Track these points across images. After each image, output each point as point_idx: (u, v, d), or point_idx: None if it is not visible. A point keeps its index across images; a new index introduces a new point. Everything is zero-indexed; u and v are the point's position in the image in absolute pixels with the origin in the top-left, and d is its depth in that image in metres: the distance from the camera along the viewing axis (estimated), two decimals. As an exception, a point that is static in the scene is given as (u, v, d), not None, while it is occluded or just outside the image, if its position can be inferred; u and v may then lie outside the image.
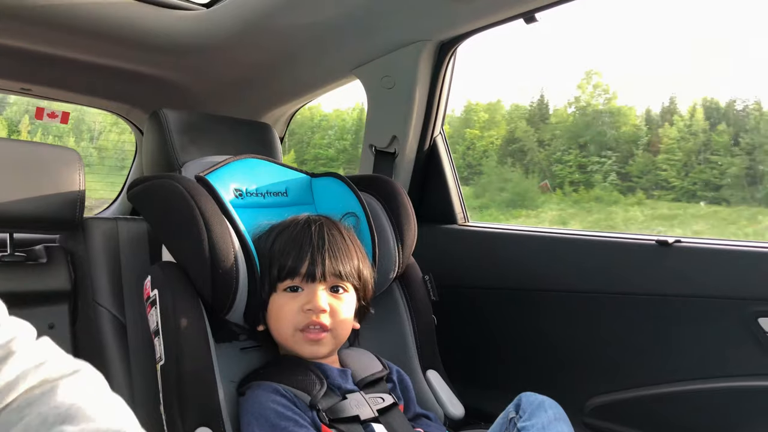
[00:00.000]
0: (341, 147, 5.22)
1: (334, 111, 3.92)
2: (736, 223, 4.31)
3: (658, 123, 4.81)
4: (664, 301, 1.42)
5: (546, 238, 1.65)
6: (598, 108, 4.76)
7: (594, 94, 5.04)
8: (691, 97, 5.87)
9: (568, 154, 5.02)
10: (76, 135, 5.61)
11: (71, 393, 0.55)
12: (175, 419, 1.05)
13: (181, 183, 1.17)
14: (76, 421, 0.52)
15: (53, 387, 0.55)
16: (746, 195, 4.33)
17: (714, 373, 1.36)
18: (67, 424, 0.51)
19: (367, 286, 1.22)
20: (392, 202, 1.37)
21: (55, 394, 0.54)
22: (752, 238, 1.45)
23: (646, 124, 4.94)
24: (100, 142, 5.62)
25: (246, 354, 1.23)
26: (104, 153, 5.40)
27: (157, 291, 1.12)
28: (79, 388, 0.56)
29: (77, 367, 0.59)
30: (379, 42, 1.67)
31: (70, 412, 0.52)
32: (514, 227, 1.75)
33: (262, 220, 1.25)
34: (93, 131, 5.76)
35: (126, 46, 1.74)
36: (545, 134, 5.65)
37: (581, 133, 4.90)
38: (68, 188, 1.27)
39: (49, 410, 0.52)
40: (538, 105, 5.63)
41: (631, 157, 4.67)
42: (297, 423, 1.01)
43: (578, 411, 1.51)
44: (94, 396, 0.56)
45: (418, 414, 1.25)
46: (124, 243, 1.33)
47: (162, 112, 1.42)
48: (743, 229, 4.02)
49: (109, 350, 1.23)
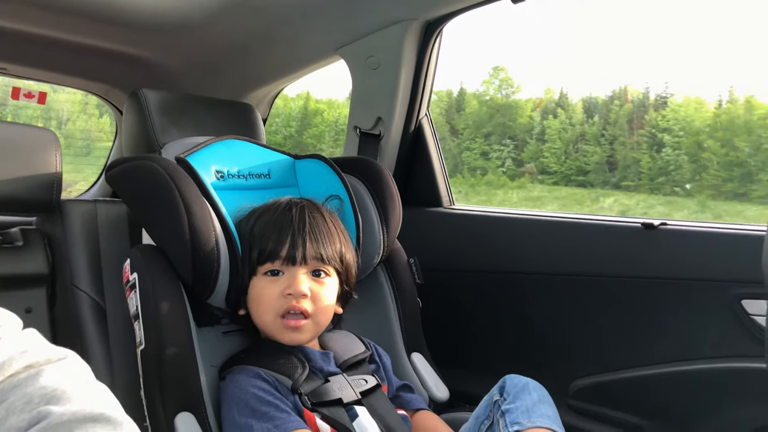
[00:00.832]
0: (287, 134, 5.63)
1: (281, 100, 4.32)
2: (582, 203, 5.08)
3: (545, 115, 5.55)
4: (648, 283, 1.42)
5: (531, 221, 1.64)
6: (500, 101, 5.48)
7: (499, 88, 5.71)
8: (578, 90, 6.93)
9: (474, 143, 5.70)
10: (45, 121, 5.68)
11: (56, 377, 0.55)
12: (156, 404, 1.04)
13: (160, 164, 1.15)
14: (61, 402, 0.52)
15: (38, 371, 0.55)
16: (606, 179, 5.21)
17: (698, 354, 1.37)
18: (52, 405, 0.51)
19: (350, 270, 1.20)
20: (377, 185, 1.36)
21: (41, 377, 0.54)
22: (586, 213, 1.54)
23: (540, 116, 5.65)
24: (67, 128, 5.72)
25: (228, 338, 1.22)
26: (70, 140, 5.55)
27: (136, 274, 1.10)
28: (64, 374, 0.56)
29: (63, 355, 0.59)
30: (363, 21, 1.65)
31: (56, 394, 0.53)
32: (500, 210, 1.74)
33: (244, 203, 1.23)
34: (61, 118, 5.79)
35: (104, 24, 1.70)
36: (459, 124, 6.20)
37: (485, 123, 5.57)
38: (45, 170, 1.24)
39: (34, 391, 0.53)
40: (457, 98, 6.21)
41: (525, 145, 5.45)
42: (278, 408, 1.00)
43: (562, 393, 1.51)
44: (79, 381, 0.56)
45: (398, 387, 1.24)
46: (103, 226, 1.30)
47: (142, 92, 1.39)
48: (586, 208, 4.91)
49: (89, 334, 1.21)
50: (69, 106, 5.82)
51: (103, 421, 0.51)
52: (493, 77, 5.68)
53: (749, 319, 1.29)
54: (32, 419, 0.50)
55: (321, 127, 6.00)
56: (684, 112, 6.18)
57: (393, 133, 1.75)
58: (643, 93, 6.33)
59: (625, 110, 6.33)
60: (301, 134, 5.86)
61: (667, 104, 6.25)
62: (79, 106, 5.71)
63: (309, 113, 6.26)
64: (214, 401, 1.09)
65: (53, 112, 5.79)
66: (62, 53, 1.90)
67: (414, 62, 1.70)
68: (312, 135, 5.89)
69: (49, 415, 0.50)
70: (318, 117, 6.45)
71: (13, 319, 0.61)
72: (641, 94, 6.35)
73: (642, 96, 6.31)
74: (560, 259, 1.55)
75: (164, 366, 1.04)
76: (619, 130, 6.07)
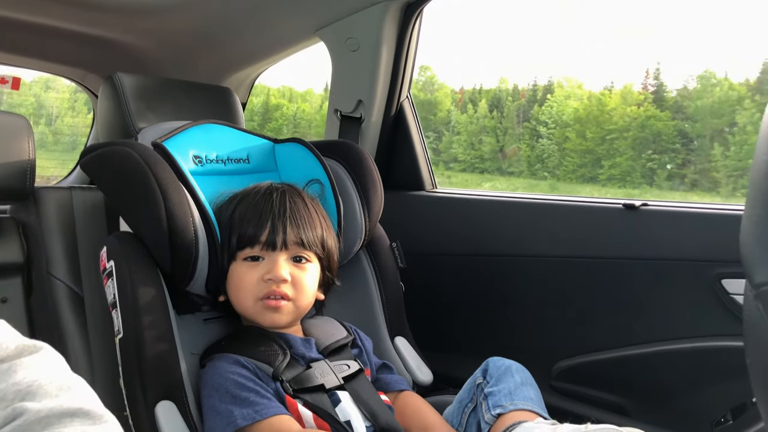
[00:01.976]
0: (249, 127, 6.49)
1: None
2: (467, 185, 6.03)
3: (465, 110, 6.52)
4: (630, 264, 1.43)
5: (513, 203, 1.64)
6: (422, 97, 6.23)
7: (424, 86, 6.43)
8: (488, 85, 8.02)
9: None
10: (37, 119, 6.03)
11: (31, 371, 0.53)
12: (136, 393, 1.03)
13: (136, 150, 1.13)
14: (37, 398, 0.51)
15: (11, 366, 0.53)
16: (498, 166, 6.13)
17: (679, 334, 1.38)
18: (28, 401, 0.50)
19: (332, 256, 1.19)
20: (358, 168, 1.34)
21: (14, 372, 0.53)
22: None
23: (460, 110, 6.59)
24: (55, 125, 5.88)
25: (209, 325, 1.20)
26: (59, 136, 5.78)
27: (113, 262, 1.08)
28: (38, 367, 0.55)
29: (36, 347, 0.57)
30: (342, 2, 1.62)
31: (31, 389, 0.51)
32: (482, 193, 1.74)
33: (222, 188, 1.22)
34: (51, 116, 5.94)
35: (79, 7, 1.66)
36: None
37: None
38: (17, 156, 1.21)
39: (7, 387, 0.51)
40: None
41: (442, 137, 6.27)
42: (258, 393, 1.00)
43: (545, 374, 1.52)
44: (55, 374, 0.55)
45: (377, 367, 1.24)
46: (79, 213, 1.28)
47: (117, 77, 1.36)
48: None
49: (66, 324, 1.19)
50: (58, 103, 6.05)
51: (81, 415, 0.50)
52: (420, 75, 6.29)
53: (729, 298, 1.30)
54: (7, 417, 0.48)
55: (280, 121, 6.57)
56: (556, 108, 7.36)
57: (374, 116, 1.74)
58: (532, 88, 7.53)
59: (516, 105, 7.47)
60: (263, 127, 6.36)
61: (546, 100, 7.34)
62: (67, 104, 5.85)
63: (270, 108, 6.82)
64: (195, 389, 1.08)
65: (44, 109, 6.05)
66: (35, 37, 1.86)
67: (394, 44, 1.68)
68: (271, 129, 6.33)
69: (25, 412, 0.48)
70: (278, 111, 7.17)
71: None
72: (531, 89, 7.53)
73: (532, 91, 7.50)
74: (542, 242, 1.55)
75: (143, 354, 1.03)
76: (510, 123, 7.19)
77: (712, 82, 7.05)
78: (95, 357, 1.18)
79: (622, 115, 6.92)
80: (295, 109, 7.05)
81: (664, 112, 6.86)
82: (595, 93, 7.30)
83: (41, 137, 6.05)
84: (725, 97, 6.74)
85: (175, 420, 1.02)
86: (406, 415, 1.15)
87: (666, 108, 6.89)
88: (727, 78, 6.80)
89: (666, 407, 1.41)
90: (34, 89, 6.55)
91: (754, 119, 6.09)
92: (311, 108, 7.57)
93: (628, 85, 7.26)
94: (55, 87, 6.08)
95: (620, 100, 7.16)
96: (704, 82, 7.12)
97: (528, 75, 8.08)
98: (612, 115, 6.87)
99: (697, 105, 6.83)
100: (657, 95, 7.03)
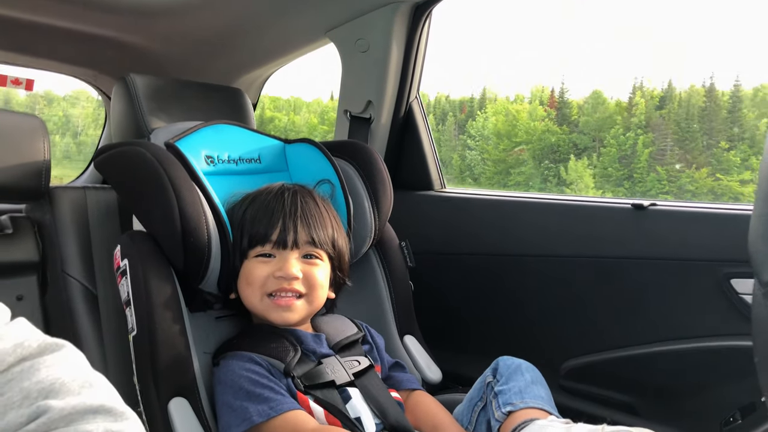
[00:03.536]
0: None
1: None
2: None
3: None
4: (638, 264, 1.43)
5: (522, 203, 1.65)
6: None
7: None
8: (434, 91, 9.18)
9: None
10: (64, 132, 6.54)
11: (54, 369, 0.54)
12: (150, 390, 1.04)
13: (149, 150, 1.14)
14: (60, 396, 0.51)
15: (33, 364, 0.54)
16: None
17: (687, 333, 1.38)
18: (51, 398, 0.50)
19: (343, 257, 1.20)
20: (368, 168, 1.35)
21: (37, 371, 0.53)
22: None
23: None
24: (81, 138, 6.21)
25: (221, 323, 1.22)
26: (82, 147, 6.15)
27: (127, 260, 1.09)
28: (61, 365, 0.55)
29: (58, 345, 0.58)
30: (352, 3, 1.63)
31: (54, 387, 0.52)
32: (491, 193, 1.75)
33: (234, 188, 1.23)
34: (76, 130, 6.57)
35: (91, 8, 1.67)
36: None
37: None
38: (33, 157, 1.23)
39: (31, 385, 0.51)
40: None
41: None
42: (273, 390, 1.01)
43: (554, 373, 1.53)
44: (77, 372, 0.55)
45: (390, 365, 1.25)
46: (93, 212, 1.30)
47: (130, 78, 1.37)
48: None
49: (81, 321, 1.21)
50: (83, 118, 6.64)
51: (103, 412, 0.51)
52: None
53: (738, 298, 1.30)
54: (32, 414, 0.49)
55: (273, 132, 7.46)
56: (482, 122, 8.84)
57: (383, 116, 1.75)
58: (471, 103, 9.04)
59: (459, 119, 9.06)
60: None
61: (477, 114, 8.84)
62: (91, 118, 6.24)
63: (265, 120, 7.46)
64: (208, 386, 1.09)
65: (71, 125, 6.63)
66: (48, 38, 1.87)
67: (403, 45, 1.69)
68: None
69: (49, 410, 0.49)
70: (271, 124, 8.19)
71: (1, 309, 0.60)
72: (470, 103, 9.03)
73: (474, 105, 9.09)
74: (551, 241, 1.55)
75: (156, 352, 1.04)
76: (449, 136, 8.76)
77: (599, 101, 8.71)
78: (109, 354, 1.19)
79: (527, 129, 8.59)
80: (286, 122, 7.85)
81: (562, 127, 8.62)
82: (511, 110, 8.93)
83: (67, 148, 6.38)
84: (607, 114, 8.36)
85: (189, 417, 1.03)
86: (416, 413, 1.16)
87: (563, 123, 8.62)
88: (612, 98, 8.56)
89: (674, 406, 1.41)
90: (63, 105, 6.98)
91: (617, 133, 8.02)
92: (301, 120, 8.82)
93: (534, 103, 9.08)
94: (80, 103, 6.47)
95: (527, 116, 8.85)
96: (594, 101, 8.81)
97: (473, 89, 9.67)
98: (519, 129, 8.48)
99: (585, 120, 8.60)
100: (559, 112, 8.76)
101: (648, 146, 7.89)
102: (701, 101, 8.06)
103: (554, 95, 8.86)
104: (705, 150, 7.76)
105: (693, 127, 7.89)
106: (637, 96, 8.42)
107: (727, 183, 7.27)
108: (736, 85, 7.97)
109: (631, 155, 7.92)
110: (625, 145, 7.96)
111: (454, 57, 8.68)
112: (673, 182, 7.68)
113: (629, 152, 7.91)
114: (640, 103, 8.35)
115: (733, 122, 7.73)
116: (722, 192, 7.23)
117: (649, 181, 7.69)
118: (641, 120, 8.21)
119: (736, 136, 7.67)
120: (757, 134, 7.54)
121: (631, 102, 8.34)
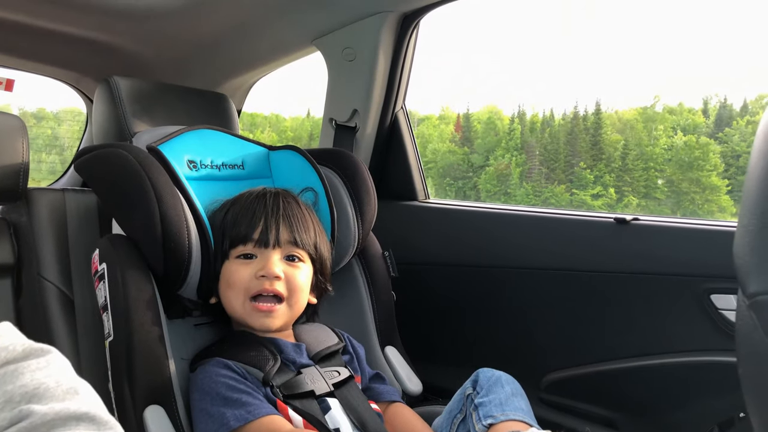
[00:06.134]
0: None
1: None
2: None
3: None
4: (620, 278, 1.43)
5: (505, 215, 1.65)
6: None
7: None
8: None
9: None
10: (52, 148, 6.83)
11: (38, 374, 0.53)
12: (125, 397, 1.02)
13: (131, 152, 1.13)
14: (44, 401, 0.50)
15: (17, 368, 0.53)
16: None
17: (668, 348, 1.38)
18: (34, 403, 0.50)
19: (325, 262, 1.19)
20: (352, 177, 1.35)
21: (21, 375, 0.52)
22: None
23: None
24: (66, 154, 6.55)
25: (199, 330, 1.20)
26: (65, 165, 6.51)
27: (105, 265, 1.07)
28: (45, 370, 0.54)
29: (43, 351, 0.57)
30: (339, 12, 1.63)
31: (38, 392, 0.51)
32: (474, 204, 1.75)
33: (217, 193, 1.22)
34: (63, 145, 6.80)
35: (75, 10, 1.66)
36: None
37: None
38: (10, 157, 1.20)
39: (14, 389, 0.51)
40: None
41: None
42: (250, 395, 0.99)
43: (535, 386, 1.52)
44: (62, 378, 0.54)
45: (370, 377, 1.24)
46: (72, 215, 1.27)
47: (113, 80, 1.36)
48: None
49: (55, 325, 1.18)
50: (71, 134, 6.66)
51: (87, 420, 0.50)
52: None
53: (718, 314, 1.31)
54: (13, 418, 0.48)
55: None
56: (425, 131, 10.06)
57: (369, 125, 1.75)
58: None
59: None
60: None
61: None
62: (77, 134, 6.46)
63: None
64: (184, 394, 1.07)
65: (59, 140, 6.97)
66: (30, 39, 1.85)
67: (390, 55, 1.69)
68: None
69: (31, 415, 0.48)
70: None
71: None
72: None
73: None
74: (533, 253, 1.56)
75: (133, 358, 1.02)
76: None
77: (491, 126, 10.46)
78: (84, 359, 1.17)
79: (434, 150, 10.06)
80: (266, 138, 9.04)
81: (463, 148, 10.32)
82: (424, 131, 10.28)
83: (52, 167, 6.57)
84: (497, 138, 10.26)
85: (164, 424, 1.01)
86: (395, 425, 1.15)
87: (465, 144, 10.34)
88: (508, 116, 10.36)
89: (654, 421, 1.41)
90: (51, 123, 7.20)
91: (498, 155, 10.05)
92: (276, 136, 9.57)
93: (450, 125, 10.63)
94: (67, 119, 6.74)
95: (438, 136, 10.35)
96: (487, 125, 10.54)
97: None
98: (428, 150, 9.95)
99: (479, 143, 10.37)
100: (463, 134, 10.47)
101: (520, 165, 10.00)
102: (568, 126, 10.14)
103: (460, 119, 10.73)
104: (567, 168, 9.86)
105: (559, 148, 9.94)
106: (515, 122, 10.34)
107: (581, 197, 9.35)
108: (596, 110, 9.90)
109: (507, 174, 9.98)
110: (502, 165, 10.03)
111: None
112: (538, 196, 9.67)
113: (506, 171, 9.97)
114: (517, 129, 10.22)
115: (594, 144, 9.71)
116: (578, 204, 9.25)
117: (518, 195, 9.72)
118: (517, 143, 10.19)
119: (595, 156, 9.69)
120: (615, 154, 9.54)
121: (511, 127, 10.28)
